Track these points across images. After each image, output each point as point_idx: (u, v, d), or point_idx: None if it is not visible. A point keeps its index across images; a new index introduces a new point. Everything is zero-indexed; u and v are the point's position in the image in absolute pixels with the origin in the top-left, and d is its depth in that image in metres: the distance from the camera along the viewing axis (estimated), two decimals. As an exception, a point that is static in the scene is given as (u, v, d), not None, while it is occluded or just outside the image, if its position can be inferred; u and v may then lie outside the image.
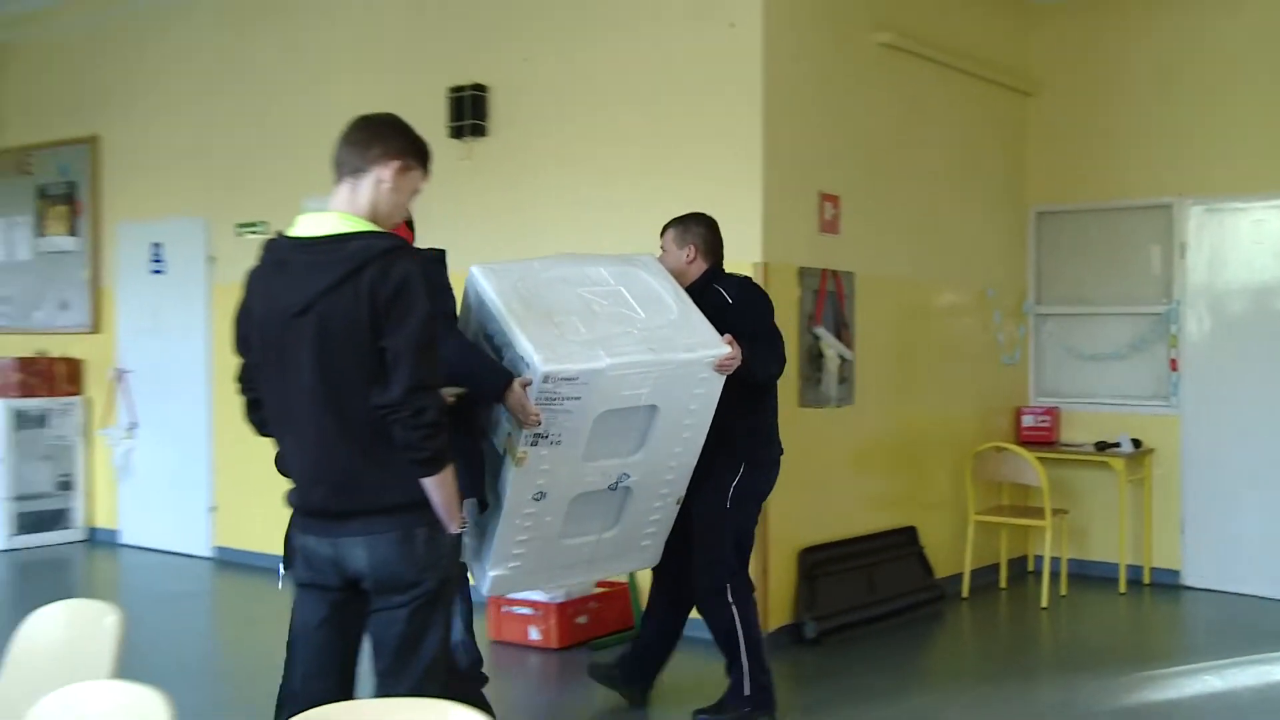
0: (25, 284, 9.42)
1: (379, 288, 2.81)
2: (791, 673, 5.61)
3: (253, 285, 3.03)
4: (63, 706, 2.40)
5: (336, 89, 7.54)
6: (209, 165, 8.29)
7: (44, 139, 9.31)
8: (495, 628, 6.06)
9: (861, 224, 6.59)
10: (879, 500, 6.82)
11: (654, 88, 6.28)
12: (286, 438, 3.02)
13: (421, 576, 2.95)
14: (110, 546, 8.71)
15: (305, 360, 2.88)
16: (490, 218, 6.79)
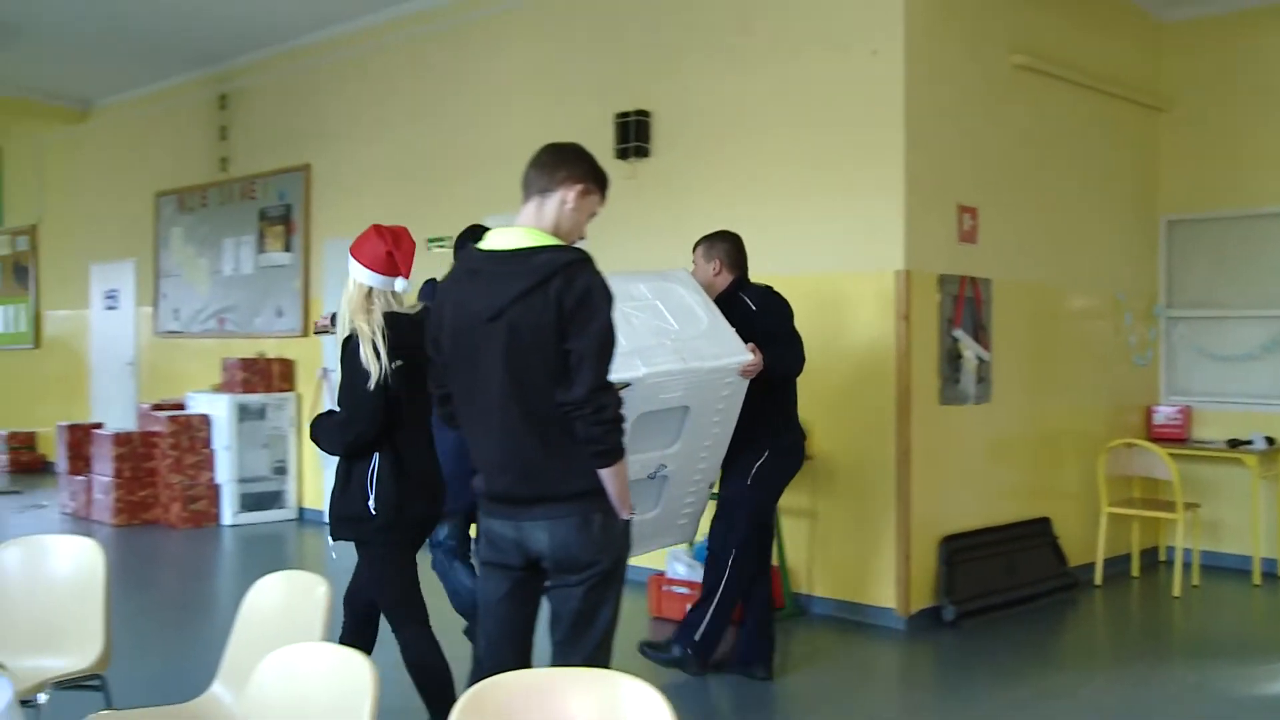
0: (248, 294, 9.82)
1: (564, 296, 2.85)
2: (931, 652, 5.49)
3: (446, 293, 3.10)
4: (283, 665, 2.49)
5: (513, 117, 7.67)
6: (402, 186, 8.52)
7: (265, 168, 9.71)
8: (655, 605, 6.08)
9: (998, 233, 6.41)
10: (1014, 491, 6.62)
11: (802, 112, 6.21)
12: (476, 430, 3.07)
13: (597, 557, 2.98)
14: (317, 524, 9.01)
15: (495, 360, 2.94)
16: (652, 233, 6.81)
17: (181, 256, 10.66)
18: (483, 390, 2.99)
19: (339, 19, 8.85)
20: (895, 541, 5.86)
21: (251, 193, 9.86)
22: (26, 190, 13.18)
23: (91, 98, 11.81)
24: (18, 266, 13.35)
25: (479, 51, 8.03)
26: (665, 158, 6.84)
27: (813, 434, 6.08)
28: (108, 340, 11.71)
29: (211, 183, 10.28)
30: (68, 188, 12.51)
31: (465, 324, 3.00)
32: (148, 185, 11.09)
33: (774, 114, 6.34)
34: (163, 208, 10.92)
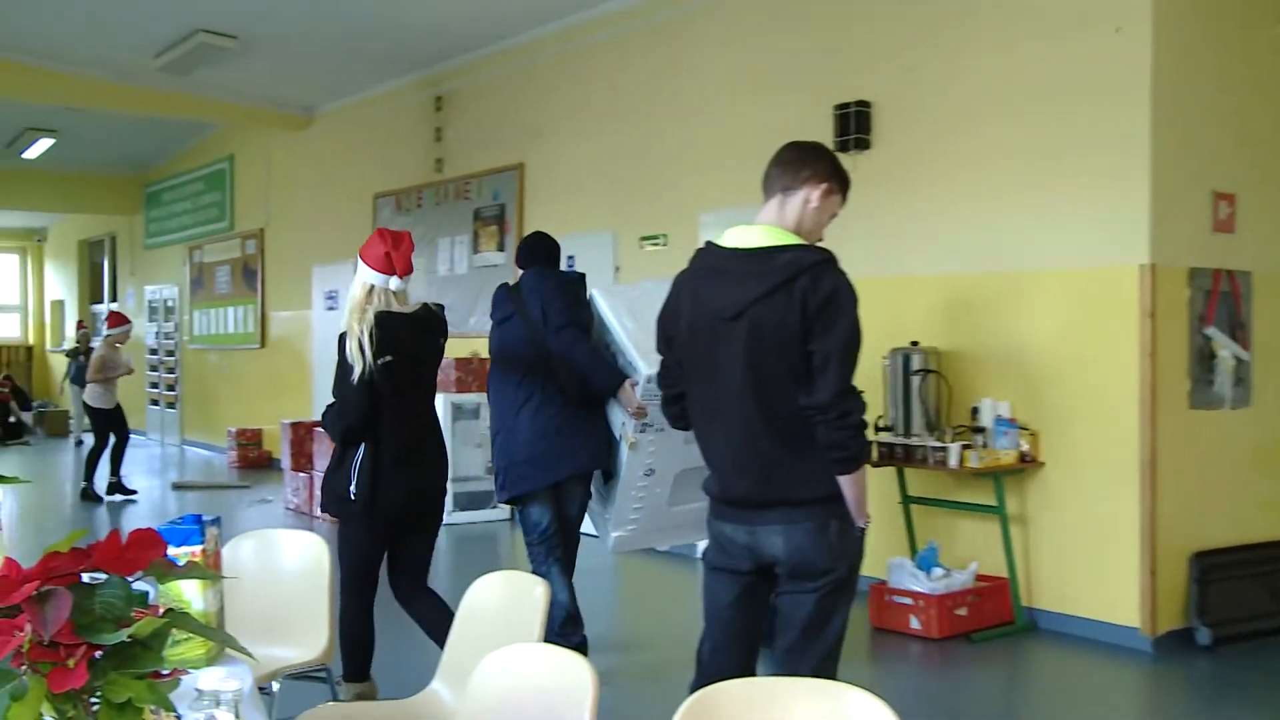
0: (463, 293, 10.14)
1: (809, 296, 2.83)
2: (1185, 679, 5.16)
3: (682, 289, 3.11)
4: (502, 666, 2.53)
5: (726, 111, 7.64)
6: (615, 184, 8.62)
7: (479, 168, 10.01)
8: (877, 615, 5.94)
9: (1260, 222, 5.98)
10: (1278, 505, 6.16)
11: (1035, 97, 5.95)
12: (711, 431, 3.06)
13: (833, 565, 2.95)
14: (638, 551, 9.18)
15: (736, 360, 2.94)
16: (874, 231, 6.67)
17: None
18: (721, 390, 2.99)
19: (550, 18, 9.05)
20: (1139, 555, 5.55)
21: (466, 193, 10.18)
22: (255, 195, 14.03)
23: (315, 104, 12.47)
24: (246, 269, 14.22)
25: (690, 45, 8.05)
26: (887, 150, 6.68)
27: (1034, 436, 5.83)
28: (328, 340, 12.27)
29: (427, 183, 10.67)
30: (291, 192, 13.25)
31: (704, 322, 3.01)
32: (366, 187, 11.62)
33: (1004, 100, 6.11)
34: (380, 209, 11.41)
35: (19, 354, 21.83)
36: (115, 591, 1.65)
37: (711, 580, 3.14)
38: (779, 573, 3.01)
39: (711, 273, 3.02)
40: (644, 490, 4.94)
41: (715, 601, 3.11)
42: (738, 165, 7.33)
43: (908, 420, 6.15)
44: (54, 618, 1.53)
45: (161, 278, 16.89)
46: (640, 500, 4.97)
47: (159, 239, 16.79)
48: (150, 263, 17.28)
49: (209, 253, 15.30)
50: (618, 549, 5.15)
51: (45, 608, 1.54)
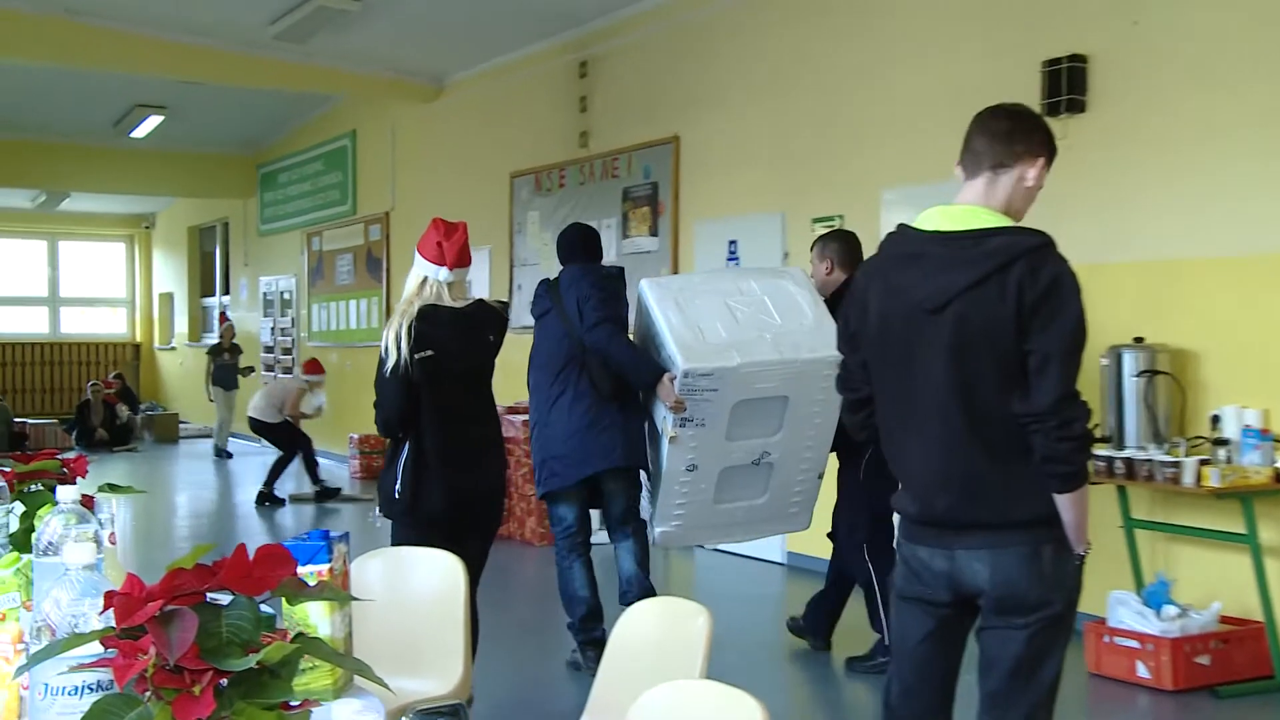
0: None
1: (1027, 287, 2.78)
2: None
3: (870, 279, 3.07)
4: (661, 703, 2.54)
5: (912, 73, 7.53)
6: (785, 159, 8.58)
7: (629, 143, 10.09)
8: (1095, 660, 5.79)
9: None
10: None
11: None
12: (906, 440, 3.02)
13: (1047, 597, 2.89)
14: (684, 548, 9.23)
15: (937, 359, 2.89)
16: (1089, 207, 6.49)
17: (538, 243, 11.27)
18: (919, 394, 2.95)
19: (711, -32, 9.07)
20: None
21: (614, 170, 10.27)
22: (379, 175, 14.42)
23: (444, 73, 12.74)
24: (370, 257, 14.62)
25: (867, 2, 7.97)
26: (1106, 113, 6.50)
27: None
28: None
29: (570, 160, 10.81)
30: (419, 171, 13.57)
31: (899, 315, 2.96)
32: (502, 165, 11.82)
33: (1246, 57, 5.87)
34: (518, 190, 11.60)
35: (125, 352, 22.86)
36: (243, 613, 1.72)
37: (902, 612, 3.10)
38: (982, 605, 2.96)
39: (907, 260, 2.97)
40: (687, 486, 5.55)
41: (906, 636, 3.07)
42: (927, 134, 7.22)
43: (1120, 429, 5.98)
44: (179, 640, 1.59)
45: (277, 267, 17.50)
46: (684, 496, 5.58)
47: (274, 225, 17.40)
48: (265, 251, 17.91)
49: (329, 239, 15.79)
50: (664, 544, 5.85)
51: (170, 629, 1.61)
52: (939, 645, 3.04)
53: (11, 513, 2.74)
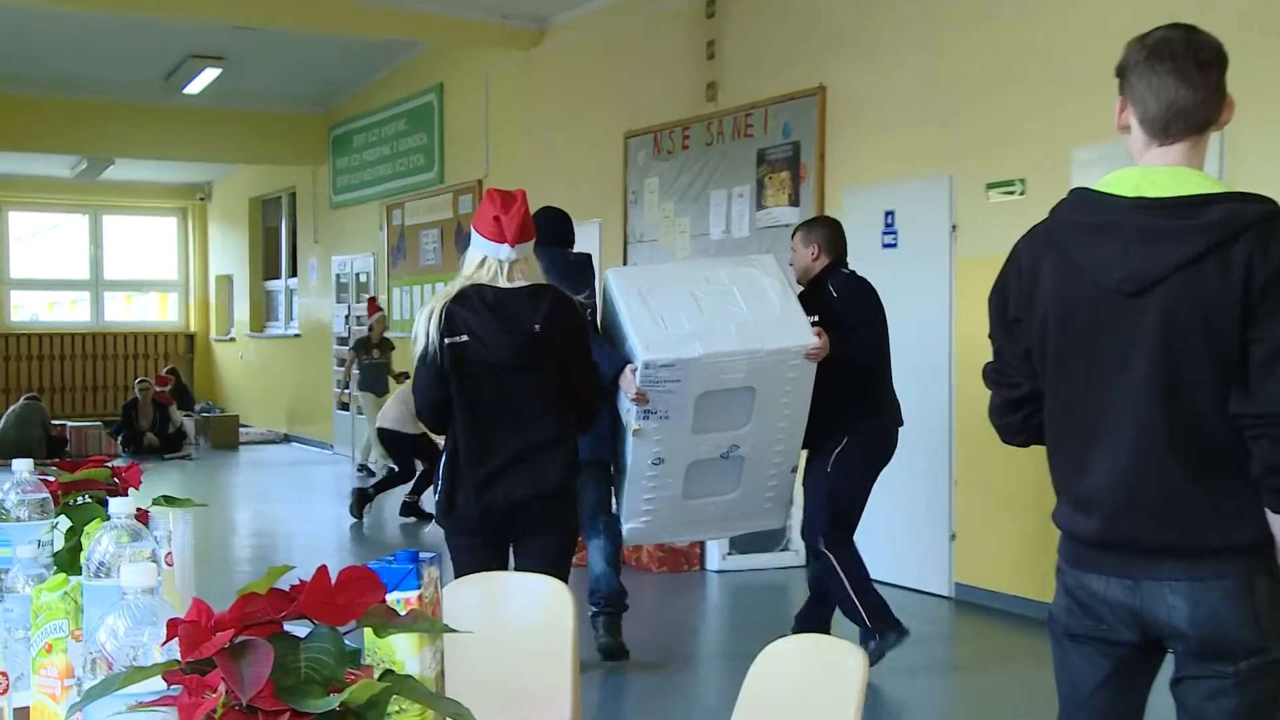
0: (741, 264, 10.22)
1: (1257, 265, 2.72)
2: None
3: (1041, 253, 3.02)
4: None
5: (1109, 4, 7.40)
6: (953, 112, 8.49)
7: (765, 95, 10.06)
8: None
9: None
10: None
11: None
12: (1088, 448, 2.97)
13: (1263, 642, 2.81)
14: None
15: (1136, 351, 2.83)
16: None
17: (657, 216, 11.31)
18: (1107, 392, 2.89)
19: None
20: None
21: (748, 129, 10.26)
22: (470, 137, 14.57)
23: (547, 14, 12.83)
24: (460, 233, 14.74)
25: (1062, -87, 7.85)
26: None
27: None
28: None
29: (695, 117, 10.81)
30: (518, 132, 13.69)
31: (1084, 299, 2.90)
32: (614, 124, 11.87)
33: None
34: (633, 153, 11.65)
35: (177, 343, 23.40)
36: (324, 646, 1.75)
37: (1069, 654, 3.04)
38: (1178, 649, 2.89)
39: (1096, 231, 2.90)
40: (654, 480, 6.30)
41: (1078, 684, 3.01)
42: (1128, 80, 7.08)
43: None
44: (253, 676, 1.63)
45: (352, 245, 17.79)
46: (652, 491, 6.33)
47: (349, 195, 17.69)
48: (338, 226, 18.20)
49: (412, 212, 16.01)
50: (632, 541, 6.71)
51: (242, 663, 1.64)
52: (1119, 693, 2.98)
53: (56, 528, 2.82)
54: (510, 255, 4.73)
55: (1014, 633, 7.64)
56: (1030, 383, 3.08)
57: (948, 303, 8.47)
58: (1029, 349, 3.05)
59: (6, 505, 2.76)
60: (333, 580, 1.81)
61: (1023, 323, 3.06)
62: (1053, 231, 3.00)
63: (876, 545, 8.93)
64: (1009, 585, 7.95)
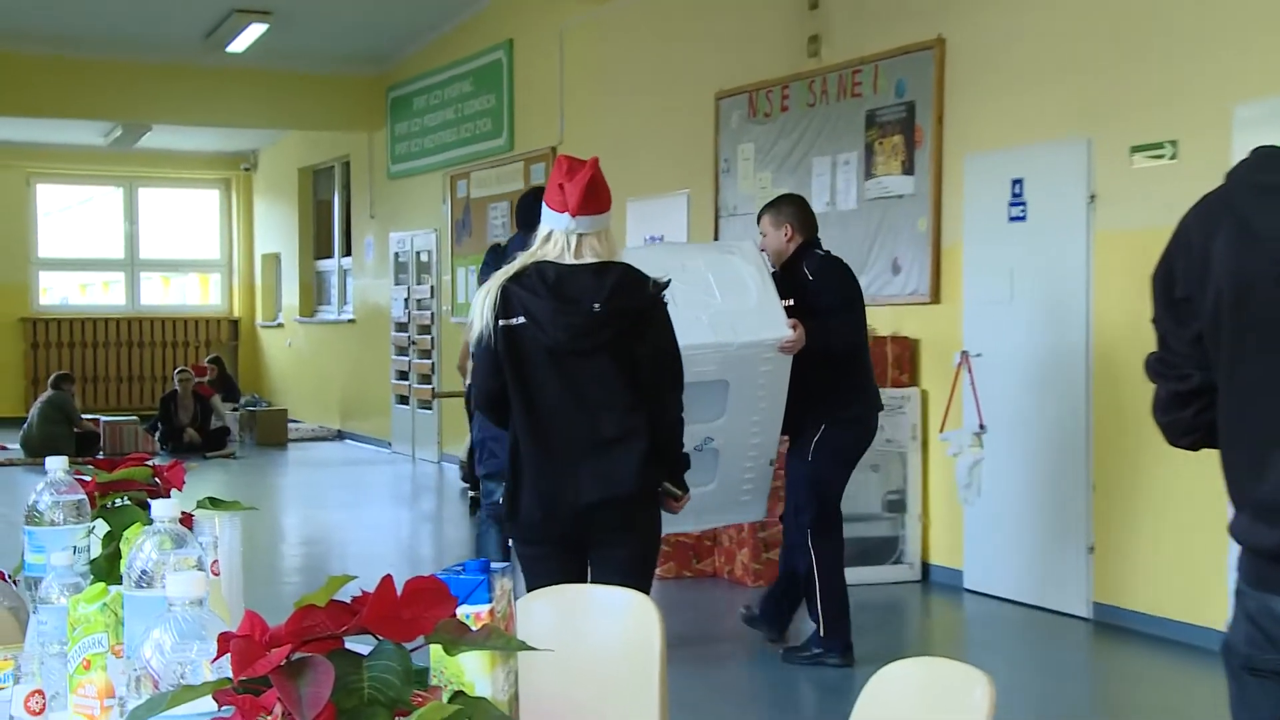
0: (850, 240, 10.16)
1: None
2: None
3: (1216, 224, 2.96)
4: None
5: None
6: (1092, 67, 8.40)
7: (875, 49, 10.02)
8: None
9: None
10: None
11: None
12: (1272, 447, 2.90)
13: None
14: (950, 591, 9.18)
15: None
16: None
17: (752, 186, 11.28)
18: None
19: None
20: None
21: (855, 88, 10.21)
22: (544, 99, 14.60)
23: (630, -40, 12.83)
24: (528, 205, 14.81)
25: None
26: None
27: None
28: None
29: (796, 75, 10.78)
30: (596, 93, 13.71)
31: (1269, 275, 2.86)
32: (704, 84, 11.86)
33: None
34: (725, 115, 11.63)
35: (220, 330, 23.69)
36: (390, 664, 1.77)
37: (1252, 691, 2.99)
38: None
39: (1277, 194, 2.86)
40: None
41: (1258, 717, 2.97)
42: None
43: None
44: (312, 696, 1.65)
45: (412, 220, 17.88)
46: None
47: (409, 165, 17.80)
48: (396, 199, 18.30)
49: (479, 183, 16.08)
50: None
51: (300, 682, 1.67)
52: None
53: (93, 533, 2.87)
54: (573, 227, 4.72)
55: (1164, 661, 7.55)
56: (1201, 374, 3.01)
57: (1084, 283, 8.38)
58: (1199, 334, 2.98)
59: (40, 508, 2.80)
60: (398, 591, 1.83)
61: (1193, 303, 2.99)
62: (1230, 196, 2.94)
63: (1002, 559, 8.91)
64: (1157, 605, 7.84)
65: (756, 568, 9.34)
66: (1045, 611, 8.50)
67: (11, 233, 22.32)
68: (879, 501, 9.53)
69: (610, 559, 4.85)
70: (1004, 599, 8.80)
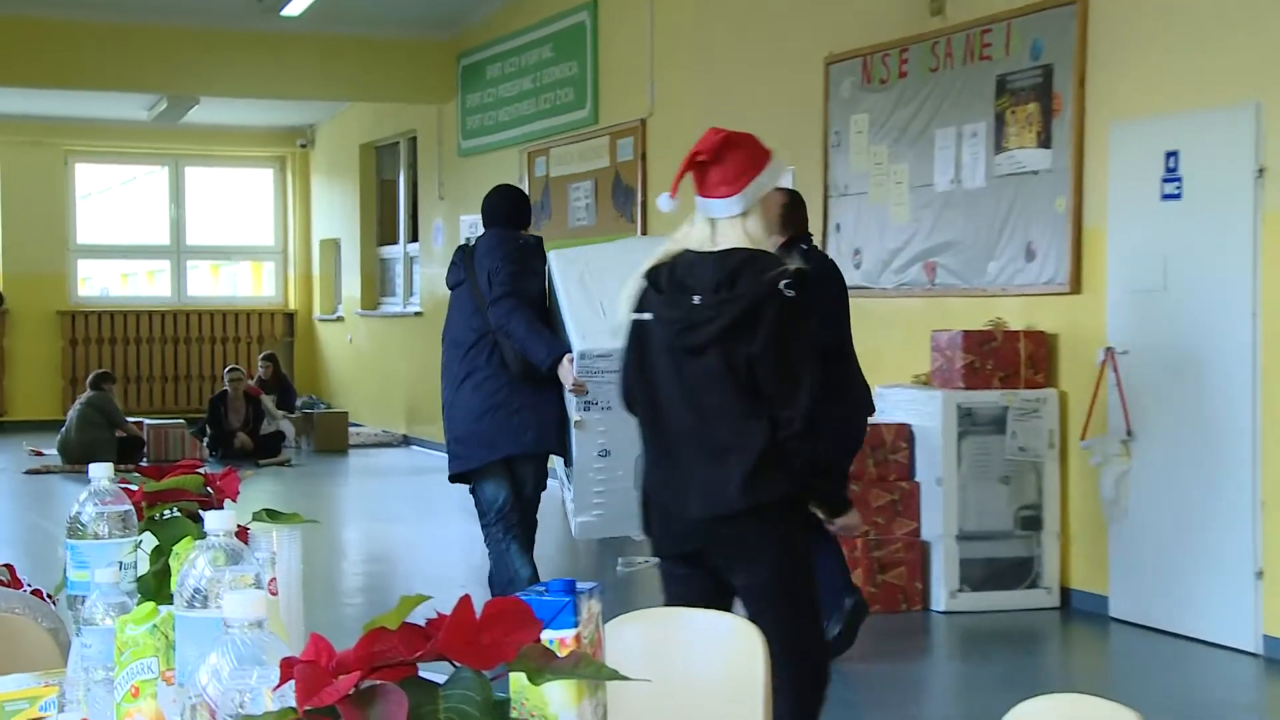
0: (977, 223, 10.11)
1: None
2: None
3: None
4: None
5: None
6: (1261, 21, 8.31)
7: (1006, 6, 9.95)
8: None
9: None
10: None
11: None
12: None
13: None
14: (1093, 619, 9.11)
15: None
16: None
17: (866, 162, 11.24)
18: None
19: None
20: None
21: (984, 49, 10.15)
22: (632, 67, 14.59)
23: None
24: (619, 185, 14.81)
25: None
26: None
27: None
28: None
29: (916, 36, 10.73)
30: (690, 60, 13.70)
31: None
32: (812, 47, 11.82)
33: None
34: (837, 82, 11.59)
35: (274, 324, 23.87)
36: (468, 694, 1.79)
37: None
38: None
39: None
40: (603, 473, 7.61)
41: None
42: None
43: None
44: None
45: (486, 202, 17.88)
46: (601, 484, 7.66)
47: (482, 140, 17.87)
48: (468, 178, 18.32)
49: (560, 161, 16.14)
50: (583, 535, 8.34)
51: (371, 713, 1.68)
52: None
53: (141, 548, 2.90)
54: (708, 210, 4.83)
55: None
56: None
57: (1250, 271, 8.27)
58: None
59: (83, 519, 2.83)
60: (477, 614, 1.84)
61: None
62: None
63: (1153, 584, 8.83)
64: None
65: (872, 590, 9.27)
66: (1204, 644, 8.41)
67: (48, 217, 22.55)
68: (1011, 518, 9.43)
69: (739, 586, 4.90)
70: (1156, 629, 8.71)
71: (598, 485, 7.69)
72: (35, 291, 22.26)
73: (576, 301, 7.50)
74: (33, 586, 3.85)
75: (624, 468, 7.24)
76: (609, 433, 7.41)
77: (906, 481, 9.54)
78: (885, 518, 9.42)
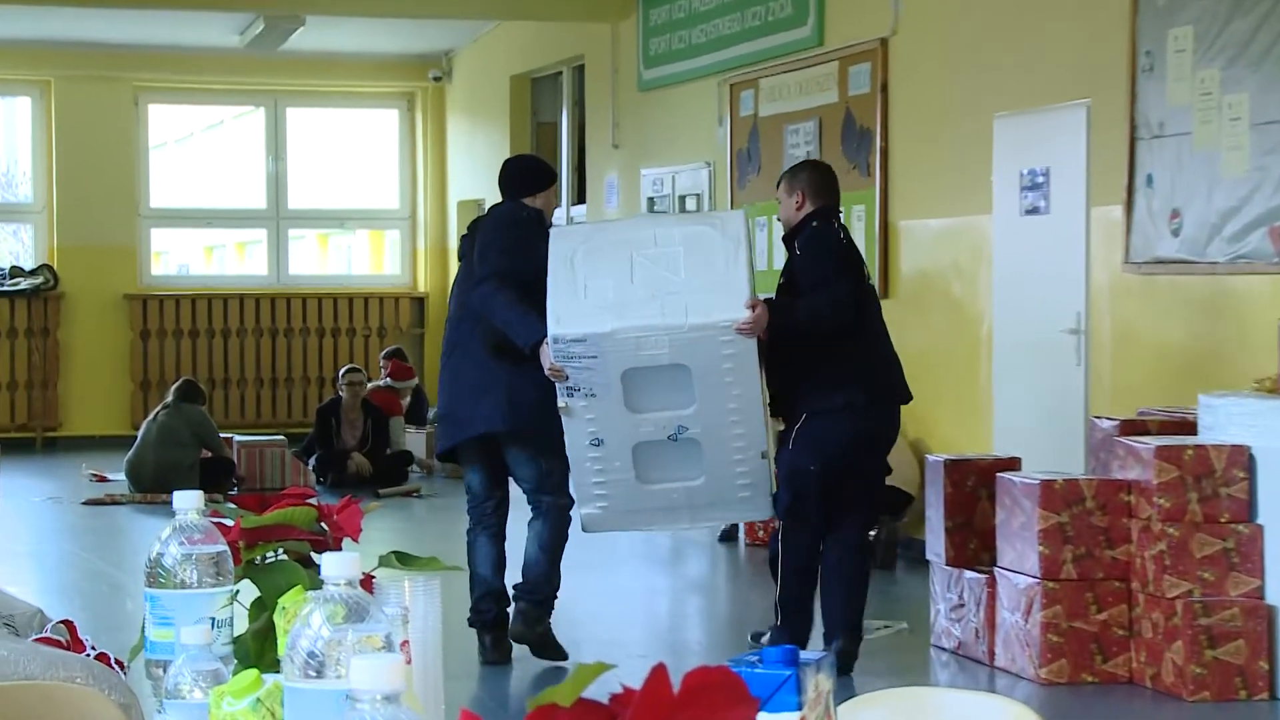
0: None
1: None
2: None
3: None
4: None
5: None
6: None
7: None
8: None
9: None
10: None
11: None
12: None
13: None
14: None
15: None
16: None
17: (1189, 93, 11.08)
18: None
19: None
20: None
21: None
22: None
23: None
24: (851, 129, 14.78)
25: None
26: None
27: None
28: (1027, 282, 12.60)
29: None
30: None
31: None
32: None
33: None
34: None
35: (400, 311, 24.01)
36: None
37: None
38: None
39: None
40: (600, 463, 9.06)
41: None
42: None
43: None
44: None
45: (673, 151, 18.03)
46: (600, 475, 9.11)
47: (668, 69, 17.93)
48: (651, 120, 18.39)
49: (772, 95, 16.18)
50: (591, 528, 9.53)
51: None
52: None
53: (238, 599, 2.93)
54: None
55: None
56: None
57: None
58: None
59: (166, 563, 2.85)
60: (675, 688, 1.86)
61: None
62: None
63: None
64: None
65: (1198, 672, 8.99)
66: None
67: (114, 173, 22.73)
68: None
69: None
70: None
71: (595, 475, 9.15)
72: (97, 269, 22.50)
73: (559, 283, 8.88)
74: (98, 649, 3.88)
75: (620, 458, 8.99)
76: (599, 420, 8.95)
77: (1245, 525, 9.22)
78: (1215, 573, 9.04)
